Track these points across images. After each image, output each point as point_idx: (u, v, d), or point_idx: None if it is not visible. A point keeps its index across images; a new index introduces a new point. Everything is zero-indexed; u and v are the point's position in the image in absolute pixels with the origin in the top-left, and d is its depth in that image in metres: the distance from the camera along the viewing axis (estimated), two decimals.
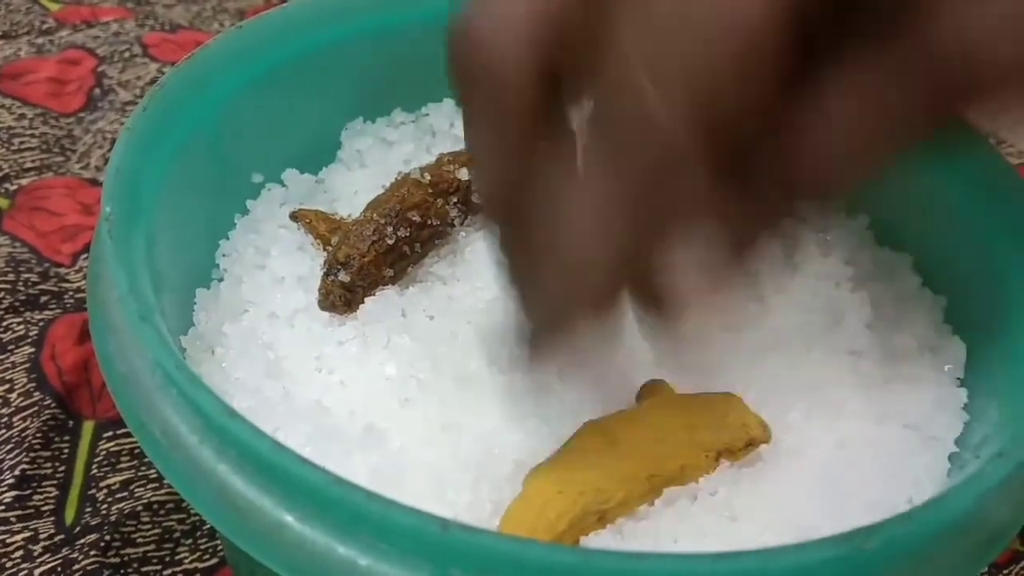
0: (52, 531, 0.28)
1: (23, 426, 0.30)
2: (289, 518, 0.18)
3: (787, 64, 0.17)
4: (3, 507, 0.28)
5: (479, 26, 0.19)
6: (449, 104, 0.30)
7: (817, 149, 0.18)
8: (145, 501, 0.29)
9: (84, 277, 0.35)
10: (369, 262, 0.25)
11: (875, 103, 0.17)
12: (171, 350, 0.19)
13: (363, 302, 0.26)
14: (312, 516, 0.17)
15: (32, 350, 0.32)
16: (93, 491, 0.29)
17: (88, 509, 0.29)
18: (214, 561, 0.28)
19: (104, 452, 0.30)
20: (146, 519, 0.28)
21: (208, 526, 0.28)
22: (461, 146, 0.29)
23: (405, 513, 0.17)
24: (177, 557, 0.28)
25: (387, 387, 0.24)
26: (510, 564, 0.17)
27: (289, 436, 0.21)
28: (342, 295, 0.25)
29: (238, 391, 0.23)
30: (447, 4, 0.30)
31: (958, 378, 0.25)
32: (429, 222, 0.26)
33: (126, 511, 0.28)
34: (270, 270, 0.26)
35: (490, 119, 0.20)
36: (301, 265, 0.26)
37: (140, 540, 0.28)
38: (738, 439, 0.22)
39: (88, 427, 0.31)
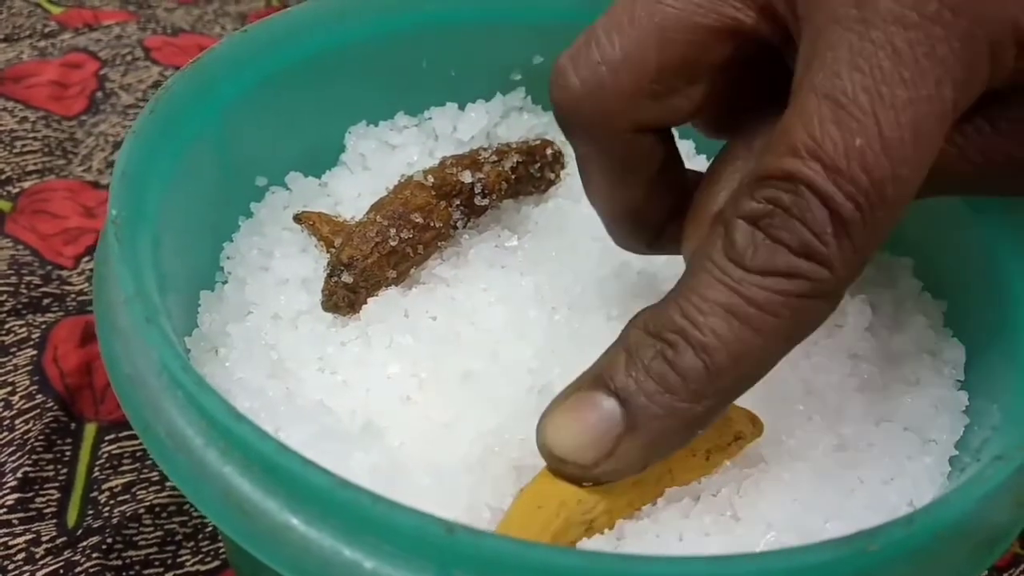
0: (54, 534, 0.28)
1: (25, 428, 0.30)
2: (295, 520, 0.18)
3: None
4: (5, 510, 0.28)
5: (572, 82, 0.21)
6: (452, 108, 0.31)
7: None
8: (147, 504, 0.29)
9: (86, 280, 0.35)
10: (372, 263, 0.26)
11: None
12: (177, 352, 0.19)
13: (366, 303, 0.26)
14: (318, 518, 0.18)
15: (34, 352, 0.32)
16: (95, 494, 0.29)
17: (90, 512, 0.29)
18: (215, 564, 0.28)
19: (106, 455, 0.30)
20: (148, 522, 0.28)
21: (209, 529, 0.28)
22: (463, 149, 0.29)
23: (410, 516, 0.17)
24: (179, 560, 0.28)
25: (389, 386, 0.24)
26: (514, 567, 0.17)
27: (291, 435, 0.21)
28: (345, 296, 0.25)
29: (241, 391, 0.23)
30: (449, 8, 0.30)
31: (958, 381, 0.25)
32: (432, 224, 0.27)
33: (128, 514, 0.28)
34: (274, 272, 0.26)
35: (588, 159, 0.22)
36: (304, 267, 0.27)
37: (142, 543, 0.28)
38: (724, 435, 0.22)
39: (90, 430, 0.31)
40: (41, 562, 0.27)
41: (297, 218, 0.28)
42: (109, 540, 0.28)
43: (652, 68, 0.20)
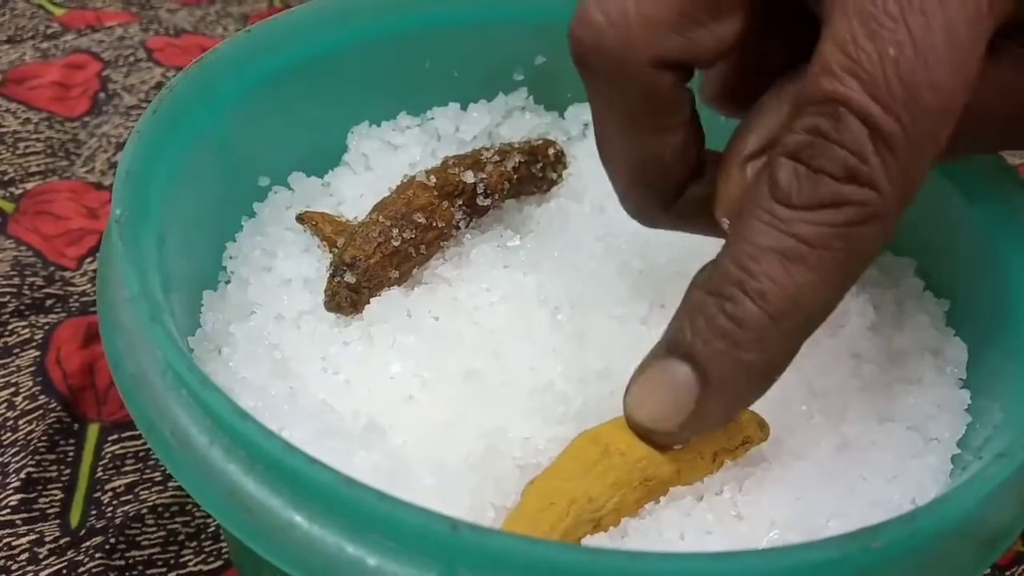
0: (57, 534, 0.28)
1: (28, 429, 0.30)
2: (298, 518, 0.18)
3: None
4: (9, 510, 0.28)
5: (595, 16, 0.20)
6: (454, 108, 0.31)
7: None
8: (150, 504, 0.29)
9: (89, 281, 0.35)
10: (375, 263, 0.26)
11: None
12: (182, 351, 0.19)
13: (369, 303, 0.26)
14: (321, 516, 0.18)
15: (37, 353, 0.32)
16: (98, 494, 0.29)
17: (93, 512, 0.29)
18: (218, 564, 0.28)
19: (109, 455, 0.30)
20: (151, 522, 0.28)
21: (212, 528, 0.28)
22: (466, 149, 0.29)
23: (414, 513, 0.17)
24: (182, 560, 0.28)
25: (392, 386, 0.24)
26: (518, 564, 0.17)
27: (294, 434, 0.21)
28: (348, 296, 0.25)
29: (244, 390, 0.23)
30: (451, 9, 0.30)
31: (960, 380, 0.25)
32: (434, 224, 0.27)
33: (131, 514, 0.28)
34: (277, 272, 0.27)
35: (607, 104, 0.21)
36: (307, 267, 0.27)
37: (145, 543, 0.28)
38: (733, 438, 0.22)
39: (93, 430, 0.31)
40: (44, 562, 0.27)
41: (300, 218, 0.28)
42: (112, 540, 0.28)
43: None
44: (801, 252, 0.18)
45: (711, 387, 0.19)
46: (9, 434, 0.30)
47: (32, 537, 0.28)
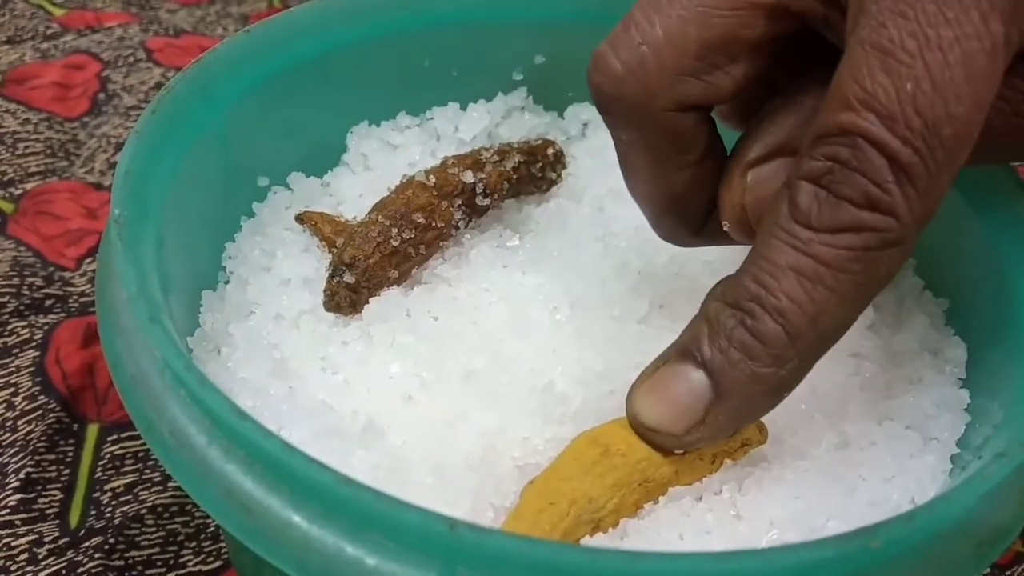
0: (57, 534, 0.28)
1: (28, 429, 0.30)
2: (297, 518, 0.18)
3: None
4: (8, 510, 0.28)
5: (613, 65, 0.21)
6: (453, 108, 0.31)
7: None
8: (149, 504, 0.29)
9: (88, 281, 0.35)
10: (374, 263, 0.26)
11: None
12: (180, 351, 0.19)
13: (368, 303, 0.26)
14: (320, 516, 0.18)
15: (37, 354, 0.32)
16: (97, 494, 0.29)
17: (92, 512, 0.29)
18: (218, 564, 0.28)
19: (108, 455, 0.30)
20: (150, 522, 0.28)
21: (212, 529, 0.28)
22: (465, 149, 0.29)
23: (413, 513, 0.17)
24: (181, 560, 0.28)
25: (391, 386, 0.24)
26: (517, 563, 0.17)
27: (293, 434, 0.21)
28: (347, 296, 0.25)
29: (243, 390, 0.23)
30: (451, 8, 0.30)
31: (959, 379, 0.25)
32: (434, 224, 0.27)
33: (130, 514, 0.28)
34: (276, 272, 0.27)
35: (632, 146, 0.22)
36: (307, 267, 0.27)
37: (144, 543, 0.28)
38: (732, 442, 0.22)
39: (92, 430, 0.31)
40: (44, 563, 0.27)
41: (299, 218, 0.28)
42: (111, 540, 0.28)
43: (694, 45, 0.20)
44: (819, 272, 0.19)
45: (722, 396, 0.20)
46: (8, 434, 0.30)
47: (31, 537, 0.28)
